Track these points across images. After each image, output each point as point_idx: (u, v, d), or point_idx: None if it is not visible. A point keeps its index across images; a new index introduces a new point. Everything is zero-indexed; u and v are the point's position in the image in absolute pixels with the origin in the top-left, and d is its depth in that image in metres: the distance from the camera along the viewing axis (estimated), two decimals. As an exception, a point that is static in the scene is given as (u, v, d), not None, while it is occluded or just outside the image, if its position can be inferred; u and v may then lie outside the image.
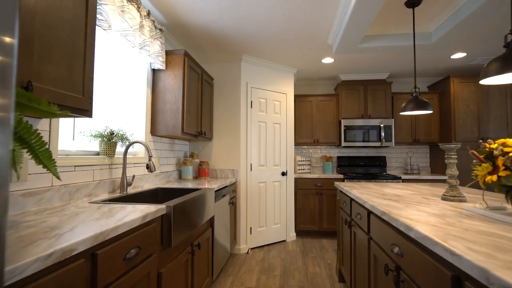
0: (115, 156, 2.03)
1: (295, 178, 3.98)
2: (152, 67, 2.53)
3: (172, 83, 2.54)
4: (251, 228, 3.44)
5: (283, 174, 3.77)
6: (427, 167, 4.40)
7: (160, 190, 2.30)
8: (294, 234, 3.88)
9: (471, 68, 3.91)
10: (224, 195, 2.74)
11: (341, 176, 3.90)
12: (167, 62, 2.56)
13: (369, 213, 1.67)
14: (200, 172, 3.20)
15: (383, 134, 3.98)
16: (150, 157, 1.88)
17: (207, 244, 2.22)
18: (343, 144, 4.08)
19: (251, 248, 3.46)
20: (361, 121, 4.07)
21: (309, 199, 3.95)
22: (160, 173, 2.69)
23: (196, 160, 3.30)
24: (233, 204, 3.17)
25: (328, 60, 3.59)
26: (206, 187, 2.33)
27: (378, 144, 4.04)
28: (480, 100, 3.75)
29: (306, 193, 3.95)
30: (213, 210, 2.29)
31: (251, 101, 3.52)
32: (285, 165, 3.83)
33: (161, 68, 2.53)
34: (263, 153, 3.61)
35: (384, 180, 3.78)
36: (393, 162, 4.46)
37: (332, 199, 3.90)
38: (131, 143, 1.93)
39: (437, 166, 4.20)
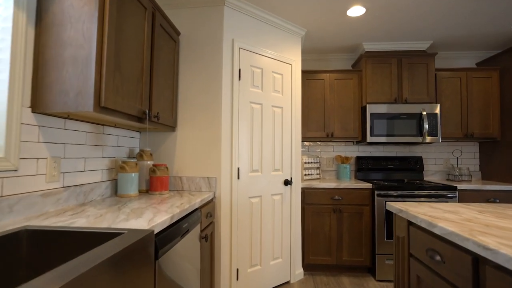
0: None
1: (302, 188, 2.75)
2: (31, -32, 1.22)
3: (78, 5, 1.23)
4: (238, 270, 2.17)
5: (287, 183, 2.53)
6: (476, 171, 3.28)
7: (27, 238, 0.99)
8: (302, 270, 2.65)
9: (548, 34, 2.80)
10: (188, 231, 1.46)
11: (368, 185, 2.69)
12: (70, -35, 1.25)
13: None
14: (153, 183, 1.89)
15: (426, 125, 2.80)
16: None
17: None
18: (369, 139, 2.88)
19: (238, 302, 2.19)
20: (395, 107, 2.89)
21: (323, 219, 2.73)
22: (61, 190, 1.37)
23: (148, 162, 1.99)
24: (208, 238, 1.88)
25: (356, 10, 2.36)
26: (133, 226, 1.04)
27: (418, 139, 2.86)
28: None
29: (318, 210, 2.73)
30: (152, 280, 1.00)
31: (239, 70, 2.25)
32: (289, 169, 2.59)
33: (54, -27, 1.22)
34: (257, 152, 2.35)
35: (433, 192, 2.60)
36: (430, 165, 3.30)
37: (356, 218, 2.69)
38: None
39: (491, 170, 3.08)
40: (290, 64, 2.63)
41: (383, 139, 2.87)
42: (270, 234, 2.41)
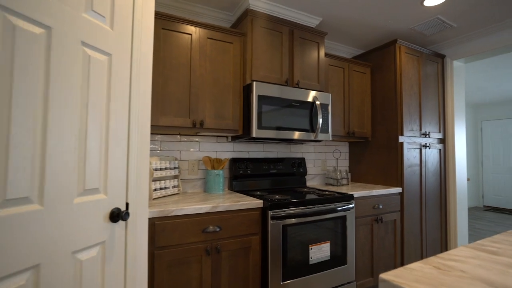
0: None
1: (150, 219, 1.46)
2: None
3: None
4: None
5: (117, 216, 1.17)
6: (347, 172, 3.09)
7: None
8: None
9: (410, 36, 2.89)
10: None
11: (257, 202, 1.76)
12: None
13: None
14: None
15: (320, 119, 2.21)
16: None
17: None
18: (255, 133, 1.97)
19: None
20: (286, 90, 2.13)
21: (189, 269, 1.55)
22: None
23: None
24: None
25: None
26: None
27: (310, 136, 2.24)
28: (422, 82, 2.76)
29: (180, 255, 1.52)
30: None
31: None
32: (124, 187, 1.24)
33: None
34: (29, 150, 0.87)
35: (333, 205, 2.00)
36: (309, 167, 2.83)
37: (240, 257, 1.69)
38: None
39: (359, 171, 2.95)
40: (133, -26, 1.30)
41: (273, 134, 2.04)
42: None
